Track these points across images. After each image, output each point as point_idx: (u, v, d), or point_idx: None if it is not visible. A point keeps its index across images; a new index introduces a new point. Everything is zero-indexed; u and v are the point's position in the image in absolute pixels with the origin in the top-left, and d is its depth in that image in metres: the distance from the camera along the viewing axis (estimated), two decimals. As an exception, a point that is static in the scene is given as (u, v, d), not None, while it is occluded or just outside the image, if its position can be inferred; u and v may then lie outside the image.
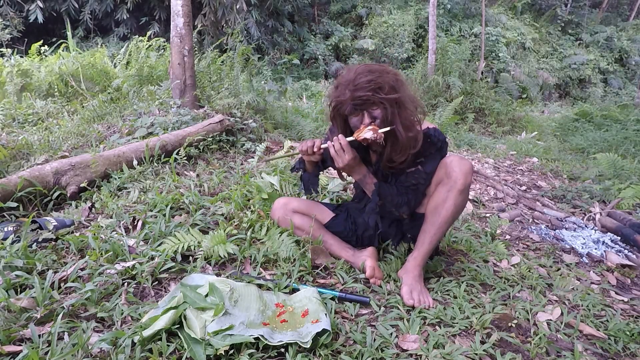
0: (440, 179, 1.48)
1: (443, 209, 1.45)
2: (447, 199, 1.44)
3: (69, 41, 6.14)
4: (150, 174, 2.40)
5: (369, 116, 1.39)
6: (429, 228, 1.49)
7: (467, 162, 1.46)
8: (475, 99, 7.50)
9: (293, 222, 1.70)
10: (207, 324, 1.12)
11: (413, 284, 1.45)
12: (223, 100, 3.66)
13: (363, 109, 1.39)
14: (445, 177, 1.45)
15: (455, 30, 14.19)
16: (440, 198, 1.46)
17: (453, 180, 1.43)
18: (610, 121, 6.88)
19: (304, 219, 1.70)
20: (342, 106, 1.41)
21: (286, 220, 1.72)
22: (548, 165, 4.58)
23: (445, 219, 1.46)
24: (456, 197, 1.44)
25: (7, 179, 1.88)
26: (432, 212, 1.48)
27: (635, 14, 18.36)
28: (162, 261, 1.48)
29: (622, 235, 2.56)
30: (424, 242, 1.49)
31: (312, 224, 1.68)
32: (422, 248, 1.50)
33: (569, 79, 15.64)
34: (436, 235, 1.48)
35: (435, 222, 1.47)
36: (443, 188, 1.46)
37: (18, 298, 1.22)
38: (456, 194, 1.43)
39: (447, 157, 1.48)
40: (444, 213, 1.45)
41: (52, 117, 3.78)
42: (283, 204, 1.76)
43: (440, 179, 1.48)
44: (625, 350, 1.35)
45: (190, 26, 3.62)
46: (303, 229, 1.69)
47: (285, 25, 12.49)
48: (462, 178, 1.42)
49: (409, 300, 1.40)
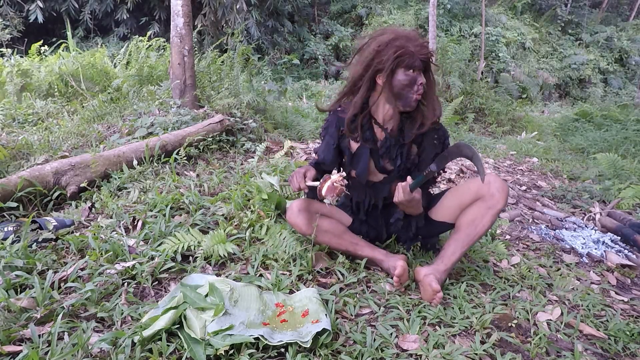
0: (481, 195, 1.51)
1: (480, 224, 1.51)
2: (485, 216, 1.50)
3: (69, 41, 6.13)
4: (150, 174, 2.40)
5: (423, 77, 1.44)
6: (463, 238, 1.52)
7: (506, 184, 1.55)
8: (475, 99, 7.50)
9: (321, 226, 1.56)
10: (207, 324, 1.12)
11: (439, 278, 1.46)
12: (223, 100, 3.66)
13: (421, 68, 1.43)
14: (488, 195, 1.50)
15: (455, 30, 14.19)
16: (479, 213, 1.51)
17: (496, 200, 1.48)
18: (610, 121, 6.87)
19: (330, 222, 1.61)
20: (406, 58, 1.40)
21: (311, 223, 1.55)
22: (548, 165, 4.58)
23: (480, 234, 1.52)
24: (494, 217, 1.50)
25: (7, 179, 1.88)
26: (469, 224, 1.52)
27: (635, 14, 18.35)
28: (162, 261, 1.48)
29: (622, 235, 2.56)
30: (455, 252, 1.51)
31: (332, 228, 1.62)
32: (453, 257, 1.51)
33: (569, 79, 15.64)
34: (467, 247, 1.53)
35: (471, 234, 1.52)
36: (484, 204, 1.50)
37: (18, 298, 1.22)
38: (495, 213, 1.49)
39: (491, 175, 1.53)
40: (480, 228, 1.51)
41: (52, 117, 3.77)
42: (305, 205, 1.58)
43: (482, 196, 1.51)
44: (625, 350, 1.35)
45: (190, 26, 3.62)
46: (332, 232, 1.60)
47: (285, 25, 12.49)
48: (503, 199, 1.49)
49: (436, 285, 1.40)
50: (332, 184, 1.43)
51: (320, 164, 1.68)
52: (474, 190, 1.54)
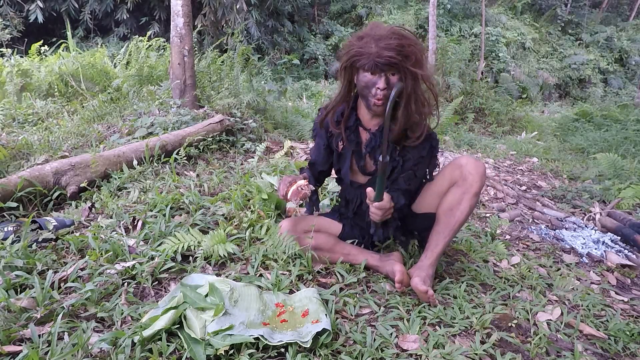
0: (454, 180, 1.46)
1: (458, 211, 1.44)
2: (462, 201, 1.44)
3: (69, 41, 6.13)
4: (150, 174, 2.40)
5: (385, 81, 1.32)
6: (443, 229, 1.47)
7: (482, 164, 1.46)
8: (475, 99, 7.51)
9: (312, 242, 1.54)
10: (207, 324, 1.12)
11: (425, 278, 1.42)
12: (223, 100, 3.66)
13: (383, 71, 1.31)
14: (460, 179, 1.44)
15: (455, 30, 14.20)
16: (455, 200, 1.45)
17: (469, 183, 1.42)
18: (610, 121, 6.88)
19: (319, 237, 1.59)
20: (362, 58, 1.31)
21: (301, 242, 1.56)
22: (548, 165, 4.58)
23: (459, 221, 1.45)
24: (471, 200, 1.43)
25: (7, 179, 1.88)
26: (447, 213, 1.46)
27: (635, 14, 18.36)
28: (162, 261, 1.48)
29: (622, 235, 2.56)
30: (437, 244, 1.47)
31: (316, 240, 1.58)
32: (436, 249, 1.47)
33: (569, 79, 15.65)
34: (449, 237, 1.47)
35: (450, 224, 1.46)
36: (458, 190, 1.44)
37: (18, 298, 1.22)
38: (472, 196, 1.43)
39: (462, 158, 1.47)
40: (458, 215, 1.44)
41: (52, 117, 3.77)
42: (292, 225, 1.58)
43: (455, 180, 1.46)
44: (625, 350, 1.35)
45: (190, 26, 3.62)
46: (324, 248, 1.59)
47: (285, 25, 12.49)
48: (478, 181, 1.42)
49: (422, 286, 1.36)
50: (297, 188, 1.45)
51: (313, 164, 1.68)
52: (448, 175, 1.48)
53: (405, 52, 1.29)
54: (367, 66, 1.32)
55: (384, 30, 1.33)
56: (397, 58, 1.28)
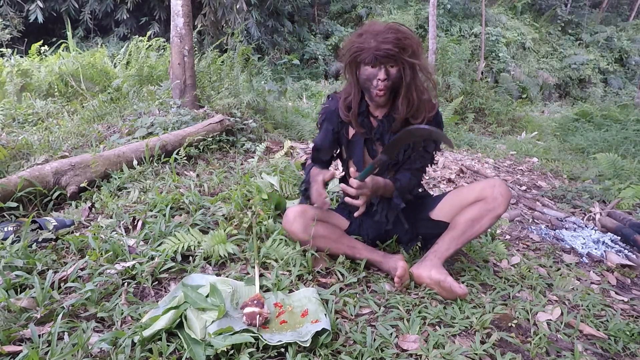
0: (484, 197, 1.52)
1: (478, 225, 1.51)
2: (484, 217, 1.51)
3: (69, 41, 6.13)
4: (150, 174, 2.40)
5: (385, 72, 1.42)
6: (459, 236, 1.52)
7: (510, 191, 1.55)
8: (475, 99, 7.51)
9: (317, 232, 1.55)
10: (208, 325, 1.12)
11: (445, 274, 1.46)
12: (223, 100, 3.67)
13: (382, 63, 1.41)
14: (490, 197, 1.51)
15: (455, 30, 14.20)
16: (479, 214, 1.51)
17: (497, 203, 1.49)
18: (610, 121, 6.88)
19: (326, 227, 1.60)
20: (362, 53, 1.42)
21: (308, 229, 1.55)
22: (548, 165, 4.58)
23: (475, 234, 1.53)
24: (492, 220, 1.51)
25: (7, 179, 1.88)
26: (467, 222, 1.52)
27: (635, 14, 18.36)
28: (162, 261, 1.48)
29: (622, 235, 2.56)
30: (449, 248, 1.52)
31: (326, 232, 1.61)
32: (447, 252, 1.52)
33: (569, 79, 15.65)
34: (461, 245, 1.54)
35: (467, 233, 1.52)
36: (485, 206, 1.51)
37: (18, 298, 1.22)
38: (494, 216, 1.51)
39: (496, 179, 1.55)
40: (477, 228, 1.52)
41: (52, 117, 3.78)
42: (300, 212, 1.57)
43: (484, 197, 1.52)
44: (625, 350, 1.35)
45: (190, 26, 3.62)
46: (330, 237, 1.59)
47: (285, 25, 12.49)
48: (504, 205, 1.50)
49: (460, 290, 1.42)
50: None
51: (317, 150, 1.68)
52: (478, 191, 1.55)
53: (402, 45, 1.39)
54: (367, 60, 1.41)
55: (381, 26, 1.43)
56: (395, 50, 1.38)
